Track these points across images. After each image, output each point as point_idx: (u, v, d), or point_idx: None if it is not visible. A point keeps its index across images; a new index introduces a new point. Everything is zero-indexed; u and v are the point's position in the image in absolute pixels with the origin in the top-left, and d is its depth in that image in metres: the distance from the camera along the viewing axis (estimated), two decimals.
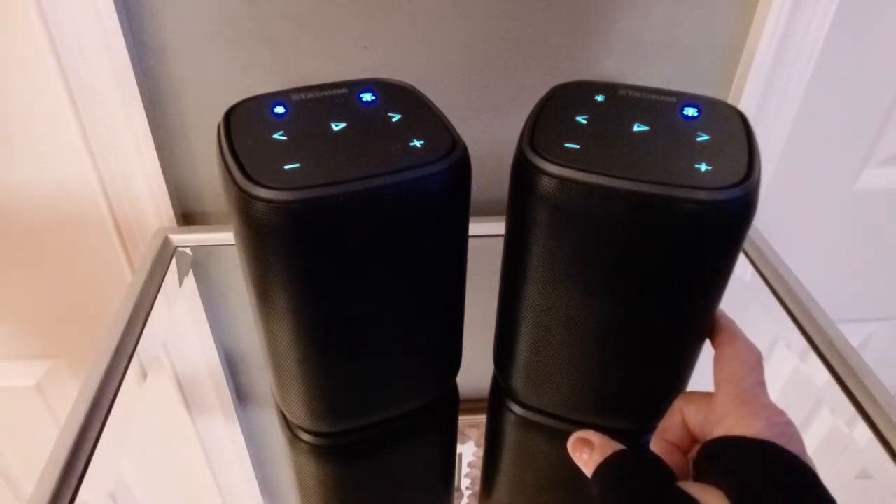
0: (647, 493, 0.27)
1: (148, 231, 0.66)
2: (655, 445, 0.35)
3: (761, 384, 0.31)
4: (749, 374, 0.31)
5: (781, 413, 0.29)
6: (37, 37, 0.55)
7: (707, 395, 0.33)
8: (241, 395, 0.51)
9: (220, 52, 0.59)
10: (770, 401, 0.30)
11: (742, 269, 0.63)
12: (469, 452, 0.48)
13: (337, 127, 0.37)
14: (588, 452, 0.31)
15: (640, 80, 0.46)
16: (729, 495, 0.26)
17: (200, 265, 0.64)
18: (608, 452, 0.30)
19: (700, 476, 0.29)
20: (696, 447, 0.32)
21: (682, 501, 0.26)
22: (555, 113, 0.39)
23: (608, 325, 0.38)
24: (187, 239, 0.65)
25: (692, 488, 0.27)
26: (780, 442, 0.27)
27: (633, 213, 0.33)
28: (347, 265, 0.35)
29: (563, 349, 0.41)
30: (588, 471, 0.31)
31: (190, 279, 0.62)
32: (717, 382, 0.32)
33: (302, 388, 0.41)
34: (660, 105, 0.40)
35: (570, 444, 0.33)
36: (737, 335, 0.35)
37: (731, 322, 0.36)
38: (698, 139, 0.37)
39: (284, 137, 0.36)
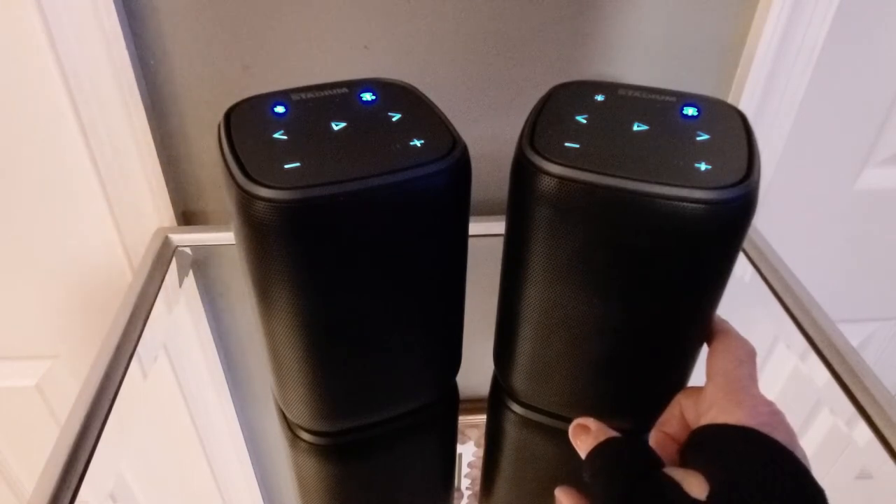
0: (633, 477, 0.28)
1: (148, 231, 0.66)
2: (654, 436, 0.36)
3: (750, 377, 0.32)
4: (738, 367, 0.32)
5: (768, 403, 0.30)
6: (36, 36, 0.55)
7: (702, 388, 0.34)
8: (241, 395, 0.51)
9: (220, 52, 0.59)
10: (758, 391, 0.31)
11: (742, 269, 0.63)
12: (469, 452, 0.48)
13: (337, 126, 0.37)
14: (584, 438, 0.32)
15: (640, 80, 0.46)
16: (708, 479, 0.27)
17: (200, 265, 0.64)
18: (602, 438, 0.31)
19: (685, 462, 0.30)
20: None
21: (664, 485, 0.27)
22: (555, 113, 0.39)
23: (608, 325, 0.38)
24: (187, 239, 0.65)
25: (676, 473, 0.28)
26: (765, 430, 0.28)
27: (633, 213, 0.33)
28: (347, 265, 0.35)
29: (563, 349, 0.41)
30: (583, 454, 0.32)
31: (190, 279, 0.62)
32: (707, 375, 0.33)
33: (302, 388, 0.41)
34: (660, 105, 0.40)
35: (570, 430, 0.34)
36: (729, 332, 0.35)
37: (724, 321, 0.37)
38: (698, 139, 0.37)
39: (284, 137, 0.36)
